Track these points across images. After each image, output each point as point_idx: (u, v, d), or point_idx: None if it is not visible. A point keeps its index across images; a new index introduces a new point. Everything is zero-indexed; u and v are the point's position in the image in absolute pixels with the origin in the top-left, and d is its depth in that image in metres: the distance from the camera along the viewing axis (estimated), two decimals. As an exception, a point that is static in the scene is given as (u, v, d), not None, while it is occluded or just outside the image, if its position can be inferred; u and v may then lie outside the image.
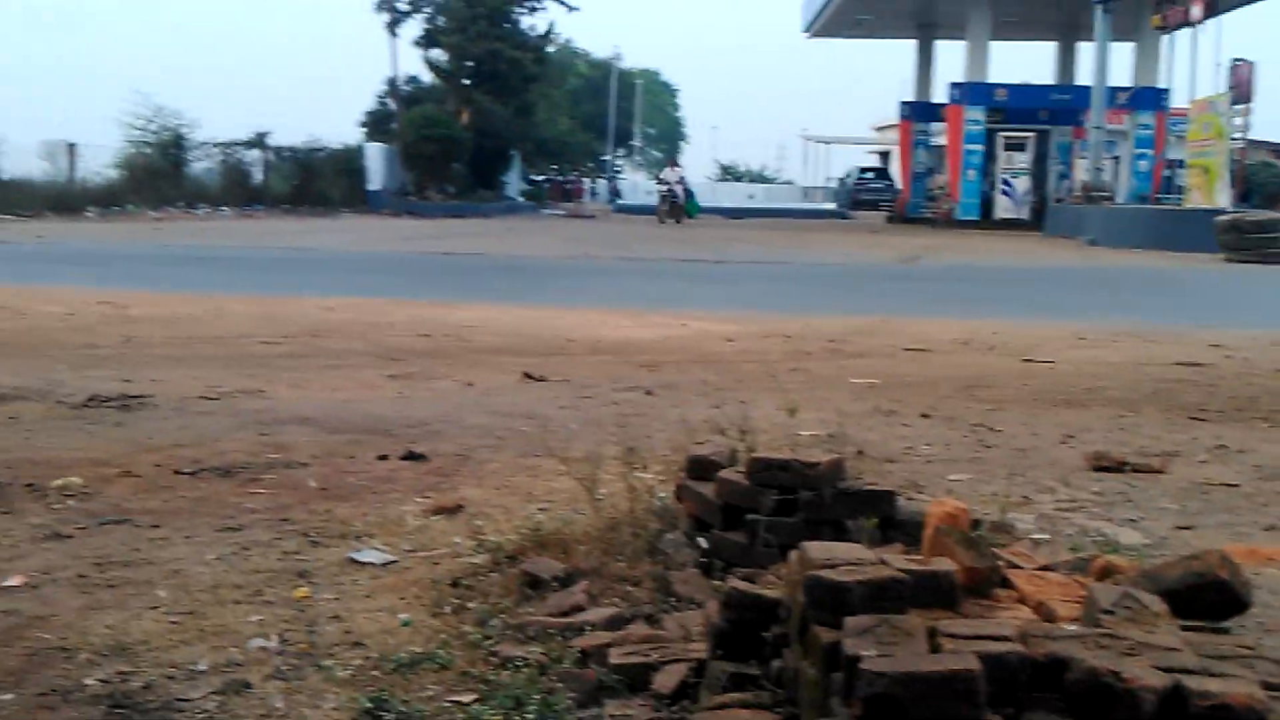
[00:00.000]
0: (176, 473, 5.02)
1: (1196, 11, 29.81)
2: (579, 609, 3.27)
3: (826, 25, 49.36)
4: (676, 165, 43.55)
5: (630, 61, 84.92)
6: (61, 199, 34.25)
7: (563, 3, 53.05)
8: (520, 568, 3.61)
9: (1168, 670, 2.08)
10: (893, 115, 51.98)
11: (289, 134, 44.13)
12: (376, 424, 6.13)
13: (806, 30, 51.97)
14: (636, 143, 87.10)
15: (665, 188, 40.78)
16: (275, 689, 2.95)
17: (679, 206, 39.73)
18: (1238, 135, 29.29)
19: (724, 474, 3.47)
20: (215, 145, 42.08)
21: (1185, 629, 2.32)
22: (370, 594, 3.62)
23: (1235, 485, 5.12)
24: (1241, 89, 29.14)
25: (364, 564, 3.89)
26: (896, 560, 2.50)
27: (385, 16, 46.89)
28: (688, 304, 12.85)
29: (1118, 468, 5.32)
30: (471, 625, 3.28)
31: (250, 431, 5.88)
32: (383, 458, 5.35)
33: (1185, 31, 30.97)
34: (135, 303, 11.78)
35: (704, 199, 56.18)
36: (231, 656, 3.12)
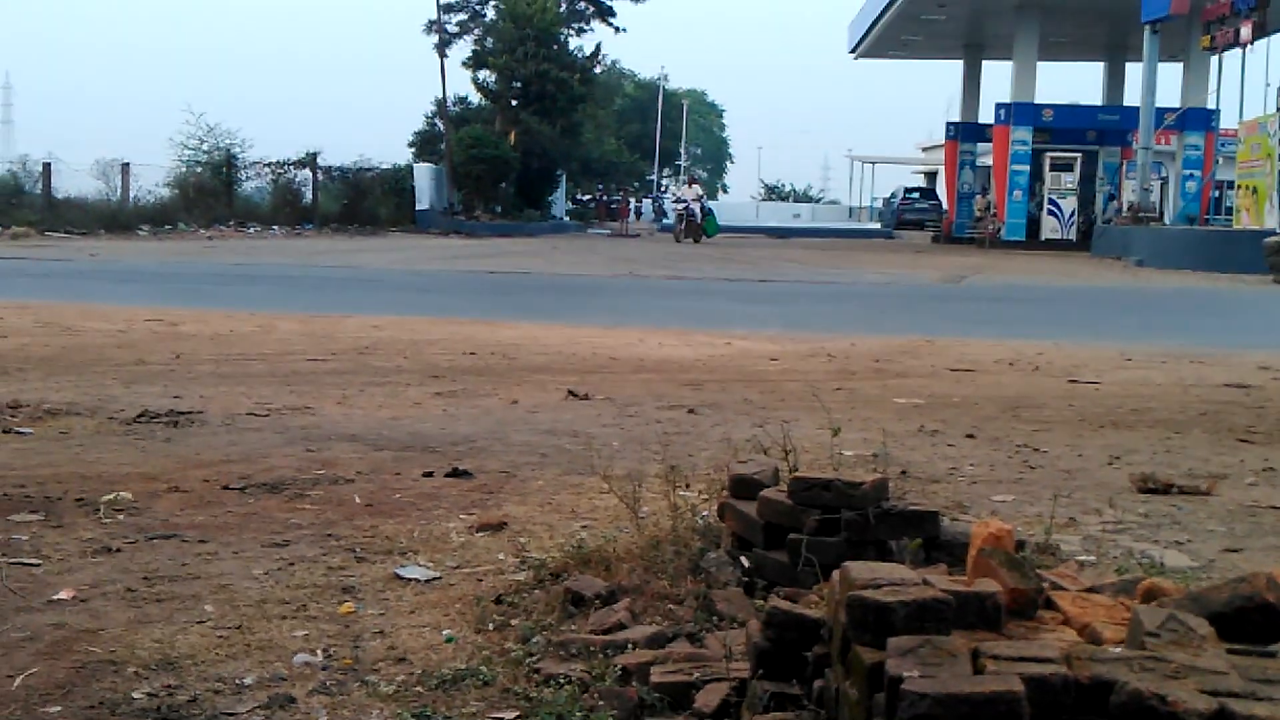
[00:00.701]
0: (225, 488, 5.07)
1: (1246, 32, 29.59)
2: (621, 627, 3.27)
3: (873, 46, 49.37)
4: (694, 184, 43.05)
5: (677, 82, 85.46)
6: (115, 218, 34.74)
7: (610, 24, 53.54)
8: (563, 585, 3.62)
9: (1214, 694, 2.06)
10: (939, 135, 51.97)
11: (339, 154, 44.54)
12: (422, 441, 6.17)
13: (853, 51, 51.97)
14: (682, 162, 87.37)
15: (682, 205, 40.32)
16: (320, 704, 2.97)
17: (696, 225, 39.20)
18: (1288, 156, 28.99)
19: (766, 493, 3.47)
20: (266, 165, 42.52)
21: (1232, 652, 2.30)
22: (414, 610, 3.64)
23: (1284, 508, 5.06)
24: (1292, 109, 28.88)
25: (408, 580, 3.91)
26: (940, 581, 2.50)
27: (435, 38, 47.37)
28: (732, 323, 12.85)
29: (1164, 490, 5.27)
30: (514, 642, 3.29)
31: (298, 448, 5.93)
32: (428, 474, 5.38)
33: (1234, 52, 30.76)
34: (186, 320, 11.91)
35: (749, 219, 55.84)
36: (277, 671, 3.15)
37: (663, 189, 76.26)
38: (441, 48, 46.75)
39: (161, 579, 3.87)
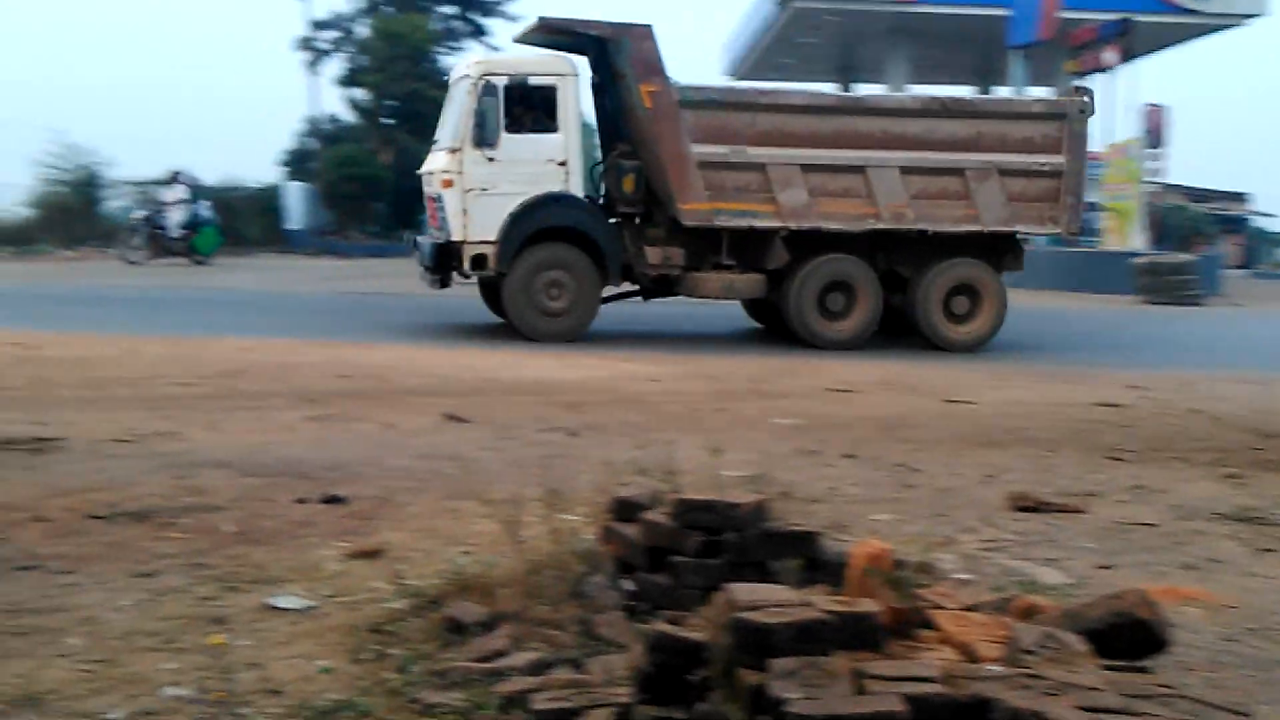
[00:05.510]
0: (89, 517, 4.92)
1: (1111, 57, 30.41)
2: (501, 654, 3.23)
3: (749, 69, 49.86)
4: (178, 181, 27.80)
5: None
6: (-30, 238, 33.73)
7: (485, 44, 53.29)
8: (442, 612, 3.57)
9: (1090, 710, 2.09)
10: (813, 158, 52.45)
11: (206, 172, 43.70)
12: (295, 467, 6.05)
13: (730, 73, 52.45)
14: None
15: (141, 216, 27.44)
16: (189, 739, 2.89)
17: (172, 240, 26.69)
18: (1152, 179, 29.87)
19: (648, 515, 3.46)
20: (130, 184, 41.55)
21: (1106, 668, 2.34)
22: (288, 640, 3.56)
23: (1153, 525, 5.19)
24: (1155, 133, 29.78)
25: (282, 610, 3.82)
26: (821, 601, 2.50)
27: (306, 55, 46.79)
28: (612, 344, 12.83)
29: (1038, 508, 5.37)
30: (392, 671, 3.23)
31: (165, 475, 5.78)
32: (301, 501, 5.28)
33: (1100, 76, 31.61)
34: (47, 343, 11.55)
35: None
36: (145, 705, 3.05)
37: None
38: (312, 65, 46.17)
39: (24, 611, 3.74)
